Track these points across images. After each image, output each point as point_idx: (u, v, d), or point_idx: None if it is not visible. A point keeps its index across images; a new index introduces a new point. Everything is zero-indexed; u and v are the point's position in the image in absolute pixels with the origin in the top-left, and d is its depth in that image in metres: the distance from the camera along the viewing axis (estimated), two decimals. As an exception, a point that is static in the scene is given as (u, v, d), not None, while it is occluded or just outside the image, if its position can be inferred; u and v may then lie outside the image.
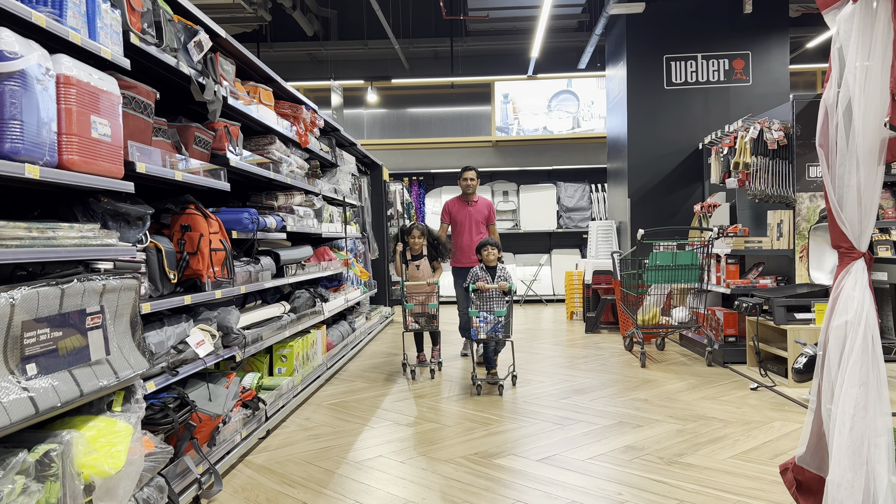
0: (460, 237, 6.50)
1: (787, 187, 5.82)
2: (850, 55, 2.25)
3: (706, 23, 8.74)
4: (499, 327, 5.12)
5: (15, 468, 1.88)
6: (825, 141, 2.43)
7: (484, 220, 6.55)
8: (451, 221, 6.60)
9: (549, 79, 12.43)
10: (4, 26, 1.94)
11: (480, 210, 6.56)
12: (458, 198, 6.64)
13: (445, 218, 6.64)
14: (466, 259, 6.38)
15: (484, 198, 6.66)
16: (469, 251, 6.37)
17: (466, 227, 6.48)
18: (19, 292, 1.90)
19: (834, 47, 2.37)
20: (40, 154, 2.04)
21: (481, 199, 6.62)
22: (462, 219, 6.52)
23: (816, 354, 4.58)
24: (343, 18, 12.77)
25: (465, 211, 6.53)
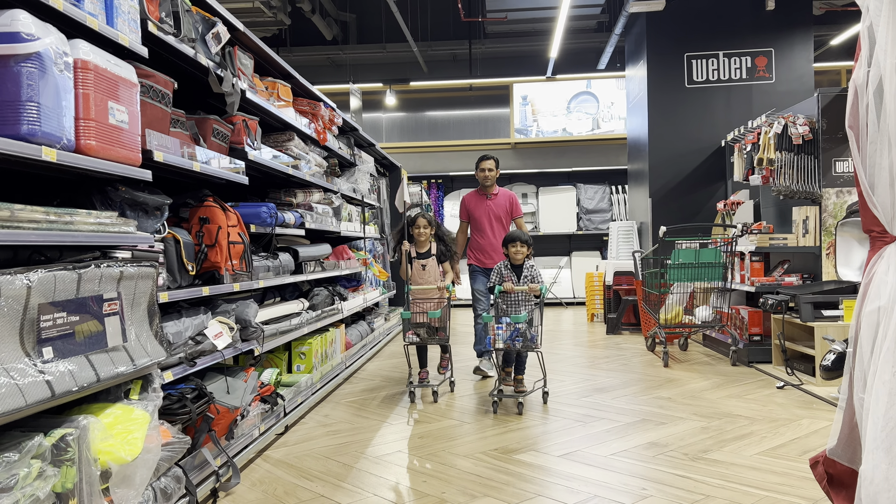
0: (479, 235, 5.78)
1: (813, 183, 5.71)
2: (880, 31, 2.18)
3: (727, 20, 8.64)
4: (517, 335, 4.42)
5: (31, 452, 1.87)
6: (855, 122, 2.36)
7: (506, 214, 5.79)
8: (469, 218, 5.89)
9: (569, 80, 12.37)
10: (22, 8, 1.94)
11: (501, 204, 5.78)
12: (475, 191, 5.91)
13: (463, 215, 5.90)
14: (488, 259, 5.69)
15: (505, 190, 5.91)
16: (491, 251, 5.70)
17: (486, 223, 5.77)
18: (36, 274, 1.89)
19: (863, 25, 2.30)
20: (57, 138, 2.03)
21: (502, 192, 5.85)
22: (480, 214, 5.79)
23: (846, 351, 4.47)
24: (362, 22, 12.82)
25: (483, 206, 5.80)
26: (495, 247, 5.67)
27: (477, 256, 5.80)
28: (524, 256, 4.66)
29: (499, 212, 5.76)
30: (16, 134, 1.89)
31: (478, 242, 5.78)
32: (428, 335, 4.90)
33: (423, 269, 5.13)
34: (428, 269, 5.14)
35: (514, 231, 4.76)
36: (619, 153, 12.21)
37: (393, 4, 9.59)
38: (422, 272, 5.12)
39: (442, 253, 5.19)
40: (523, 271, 4.67)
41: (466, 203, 5.91)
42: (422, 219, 5.15)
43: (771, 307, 5.28)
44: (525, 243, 4.64)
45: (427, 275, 5.12)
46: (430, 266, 5.15)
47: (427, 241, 5.15)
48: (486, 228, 5.75)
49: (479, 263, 5.77)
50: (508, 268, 4.69)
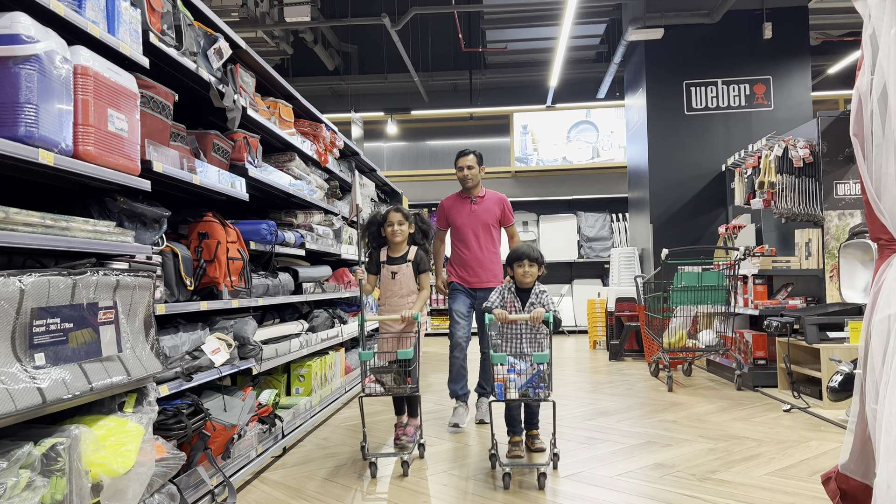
0: (462, 248, 4.70)
1: (815, 205, 5.69)
2: (883, 37, 2.17)
3: (725, 49, 8.71)
4: (536, 380, 3.37)
5: (19, 461, 1.81)
6: (859, 130, 2.34)
7: (495, 221, 4.72)
8: (448, 227, 4.84)
9: (568, 109, 12.45)
10: (23, 12, 1.94)
11: (488, 209, 4.70)
12: (456, 195, 4.83)
13: (442, 223, 4.84)
14: (473, 276, 4.66)
15: (494, 192, 4.83)
16: (477, 266, 4.64)
17: (470, 233, 4.67)
18: (30, 278, 1.86)
19: (865, 34, 2.30)
20: (55, 142, 2.01)
21: (490, 194, 4.78)
22: (463, 222, 4.69)
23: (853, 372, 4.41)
24: (363, 53, 12.95)
25: (466, 211, 4.70)
26: (482, 262, 4.65)
27: (459, 273, 4.71)
28: (534, 278, 3.66)
29: (486, 219, 4.70)
30: (13, 135, 1.87)
31: (460, 257, 4.73)
32: (396, 383, 3.66)
33: (393, 277, 3.97)
34: (399, 279, 3.97)
35: (521, 246, 3.68)
36: (619, 181, 12.24)
37: (394, 34, 9.70)
38: (390, 283, 3.98)
39: (421, 260, 4.03)
40: (531, 297, 3.64)
41: (446, 209, 4.81)
42: (395, 213, 3.98)
43: (775, 329, 5.22)
44: (536, 262, 3.63)
45: (397, 287, 3.97)
46: (402, 276, 3.98)
47: (404, 242, 4.03)
48: (471, 239, 4.69)
49: (462, 282, 4.71)
50: (513, 291, 3.68)
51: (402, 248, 4.04)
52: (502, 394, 3.35)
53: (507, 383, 3.35)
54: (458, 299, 4.68)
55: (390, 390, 3.67)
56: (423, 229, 4.13)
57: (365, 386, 3.66)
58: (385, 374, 3.65)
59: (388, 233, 3.99)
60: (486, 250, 4.70)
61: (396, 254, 4.03)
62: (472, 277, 4.68)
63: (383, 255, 4.05)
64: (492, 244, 4.73)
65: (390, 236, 3.99)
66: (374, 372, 3.66)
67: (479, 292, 4.65)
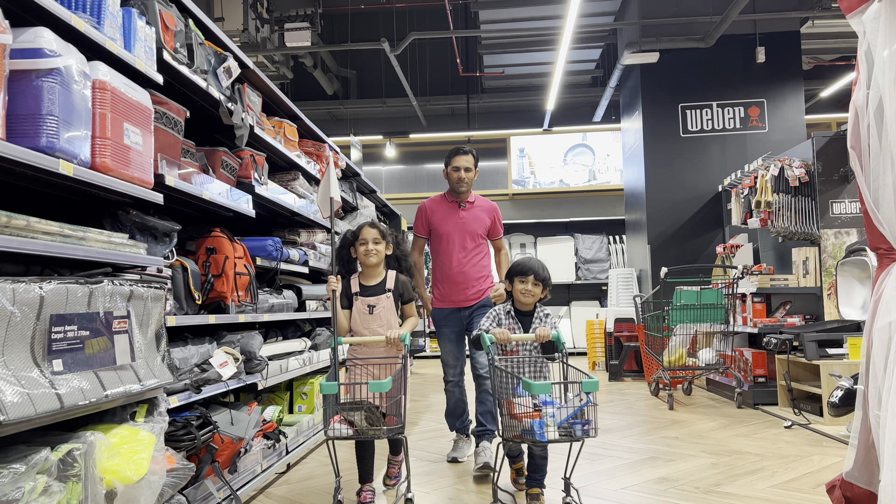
0: (445, 261, 4.06)
1: (811, 224, 5.77)
2: (878, 52, 2.25)
3: (720, 72, 8.86)
4: (580, 418, 2.71)
5: (37, 466, 1.83)
6: (857, 143, 2.41)
7: (484, 231, 4.12)
8: (429, 235, 4.20)
9: (565, 132, 12.59)
10: (45, 27, 1.99)
11: (478, 217, 4.10)
12: (441, 197, 4.23)
13: (421, 229, 4.19)
14: (459, 294, 4.02)
15: (484, 198, 4.26)
16: (462, 281, 4.01)
17: (456, 243, 4.04)
18: (49, 285, 1.89)
19: (861, 50, 2.38)
20: (74, 153, 2.06)
21: (480, 201, 4.20)
22: (449, 230, 4.07)
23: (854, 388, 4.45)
24: (362, 78, 13.10)
25: (453, 218, 4.09)
26: (469, 276, 4.01)
27: (442, 292, 4.06)
28: (535, 301, 3.19)
29: (475, 227, 4.07)
30: (35, 146, 1.91)
31: (443, 271, 4.07)
32: (369, 424, 2.88)
33: (371, 312, 3.28)
34: (379, 313, 3.28)
35: (530, 260, 3.20)
36: (615, 204, 12.33)
37: (394, 59, 9.83)
38: (368, 319, 3.28)
39: (404, 288, 3.39)
40: (533, 321, 3.19)
41: (428, 212, 4.17)
42: (370, 229, 3.33)
43: (775, 347, 5.26)
44: (542, 283, 3.16)
45: (376, 323, 3.28)
46: (382, 309, 3.29)
47: (380, 265, 3.35)
48: (456, 250, 4.03)
49: (447, 302, 4.05)
50: (512, 315, 3.19)
51: (378, 273, 3.35)
52: (542, 433, 2.64)
53: (545, 417, 2.67)
54: (445, 336, 4.08)
55: (361, 433, 2.86)
56: (398, 255, 3.47)
57: (331, 427, 2.87)
58: (355, 413, 2.87)
59: (360, 254, 3.31)
60: (474, 263, 4.05)
61: (371, 281, 3.34)
62: (457, 295, 4.02)
63: (355, 284, 3.33)
64: (480, 258, 4.10)
65: (363, 258, 3.31)
66: (341, 410, 2.88)
67: (465, 310, 4.07)
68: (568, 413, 2.68)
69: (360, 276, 3.40)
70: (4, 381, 1.71)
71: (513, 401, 2.78)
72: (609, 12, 9.79)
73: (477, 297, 4.06)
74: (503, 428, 2.84)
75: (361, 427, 2.88)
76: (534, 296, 3.16)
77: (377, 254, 3.31)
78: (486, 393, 3.89)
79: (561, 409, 2.70)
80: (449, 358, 4.10)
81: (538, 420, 2.66)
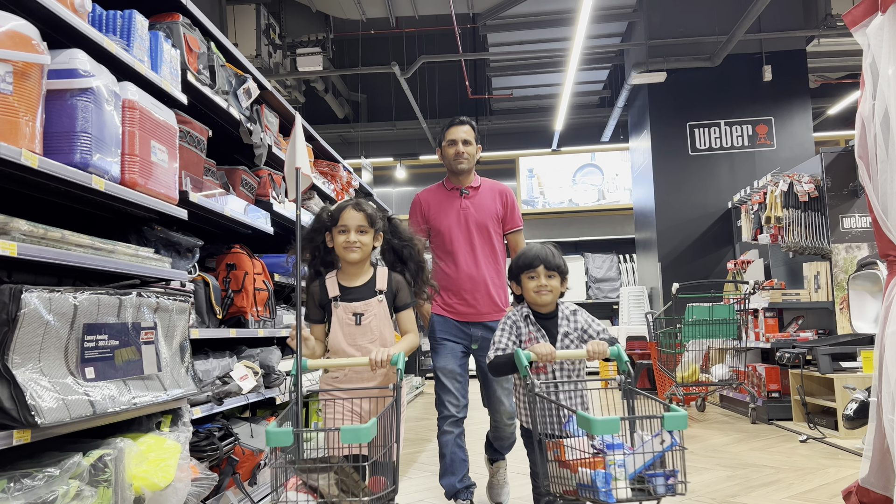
0: (447, 263, 3.18)
1: (822, 239, 5.79)
2: (882, 64, 2.31)
3: (727, 90, 8.94)
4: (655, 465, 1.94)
5: (69, 471, 1.88)
6: (864, 152, 2.46)
7: (495, 221, 3.22)
8: (427, 231, 3.26)
9: (573, 153, 12.68)
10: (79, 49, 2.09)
11: (484, 204, 3.23)
12: (440, 185, 3.36)
13: (419, 221, 3.27)
14: (465, 304, 3.14)
15: (493, 181, 3.38)
16: (472, 289, 3.13)
17: (461, 239, 3.18)
18: (82, 295, 1.96)
19: (865, 63, 2.44)
20: (105, 169, 2.14)
21: (487, 184, 3.33)
22: (448, 224, 3.20)
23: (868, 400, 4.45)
24: (372, 102, 13.28)
25: (454, 208, 3.22)
26: (477, 282, 3.13)
27: (446, 301, 3.17)
28: (555, 298, 2.48)
29: (482, 218, 3.20)
30: (69, 162, 1.99)
31: (446, 275, 3.17)
32: (343, 490, 1.97)
33: (358, 322, 2.44)
34: (369, 323, 2.45)
35: (533, 247, 2.52)
36: (625, 223, 12.37)
37: (404, 82, 9.98)
38: (354, 332, 2.44)
39: (399, 289, 2.54)
40: (560, 324, 2.48)
41: (424, 205, 3.30)
42: (353, 212, 2.45)
43: (788, 361, 5.26)
44: (557, 270, 2.46)
45: (366, 336, 2.44)
46: (373, 317, 2.45)
47: (365, 262, 2.51)
48: (461, 250, 3.16)
49: (451, 312, 3.16)
50: (530, 319, 2.48)
51: (364, 270, 2.49)
52: (609, 490, 1.88)
53: (613, 468, 1.90)
54: (445, 350, 3.12)
55: (327, 501, 1.94)
56: (399, 248, 2.57)
57: (282, 493, 1.94)
58: (320, 475, 1.96)
59: (337, 244, 2.44)
60: (487, 265, 3.16)
61: (356, 280, 2.47)
62: (464, 306, 3.13)
63: (332, 286, 2.46)
64: (493, 255, 3.20)
65: (342, 251, 2.43)
66: (300, 471, 1.98)
67: (476, 328, 3.15)
68: (644, 461, 1.90)
69: (340, 273, 2.49)
70: (41, 387, 1.78)
71: (562, 443, 2.06)
72: (616, 34, 9.92)
73: (492, 312, 3.13)
74: (548, 480, 2.10)
75: (330, 496, 1.93)
76: (551, 291, 2.43)
77: (361, 248, 2.42)
78: (505, 427, 3.18)
79: (633, 454, 1.92)
80: (449, 382, 3.05)
81: (602, 472, 1.90)
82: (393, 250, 2.61)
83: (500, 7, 9.16)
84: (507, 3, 9.06)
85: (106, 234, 2.63)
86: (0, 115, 1.74)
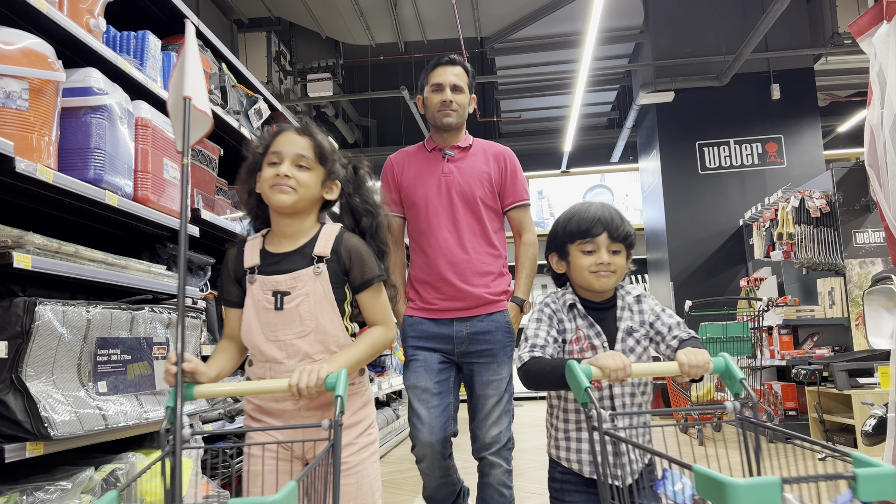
0: (424, 244, 2.49)
1: (835, 254, 5.76)
2: (890, 71, 2.31)
3: (735, 109, 8.96)
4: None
5: (82, 485, 1.88)
6: (874, 161, 2.45)
7: (489, 193, 2.49)
8: (402, 204, 2.55)
9: (583, 174, 12.72)
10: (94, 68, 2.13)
11: (476, 168, 2.50)
12: (419, 146, 2.62)
13: (393, 201, 2.53)
14: (447, 299, 2.43)
15: (489, 142, 2.62)
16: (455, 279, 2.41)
17: (440, 213, 2.47)
18: (95, 309, 1.97)
19: (873, 71, 2.44)
20: (118, 185, 2.17)
21: (481, 145, 2.58)
22: (426, 194, 2.49)
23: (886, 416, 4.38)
24: (382, 126, 13.39)
25: (433, 173, 2.51)
26: (462, 269, 2.41)
27: (422, 295, 2.47)
28: (619, 279, 1.80)
29: (470, 185, 2.46)
30: (83, 178, 2.02)
31: (424, 262, 2.47)
32: None
33: (279, 306, 1.63)
34: (297, 308, 1.63)
35: (592, 206, 1.82)
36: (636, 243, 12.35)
37: (413, 106, 10.07)
38: (273, 322, 1.64)
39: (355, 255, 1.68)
40: (621, 317, 1.79)
41: (396, 170, 2.56)
42: (294, 135, 1.70)
43: (804, 378, 5.20)
44: (624, 241, 1.80)
45: (290, 329, 1.63)
46: (303, 299, 1.63)
47: (306, 216, 1.71)
48: (441, 227, 2.44)
49: (428, 311, 2.45)
50: (578, 310, 1.78)
51: (302, 230, 1.70)
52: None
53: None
54: (417, 362, 2.41)
55: None
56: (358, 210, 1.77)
57: None
58: None
59: (264, 183, 1.66)
60: (473, 247, 2.43)
61: (285, 245, 1.70)
62: (445, 300, 2.41)
63: (252, 252, 1.70)
64: (484, 235, 2.47)
65: (268, 191, 1.65)
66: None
67: (462, 325, 2.41)
68: None
69: (270, 235, 1.72)
70: (54, 400, 1.78)
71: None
72: (623, 55, 9.99)
73: (485, 305, 2.41)
74: None
75: None
76: (614, 272, 1.74)
77: (297, 189, 1.63)
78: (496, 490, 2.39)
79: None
80: (420, 406, 2.35)
81: None
82: (352, 213, 1.78)
83: (507, 30, 9.27)
84: (515, 26, 9.17)
85: (118, 252, 2.66)
86: (16, 131, 1.78)
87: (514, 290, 2.56)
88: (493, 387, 2.40)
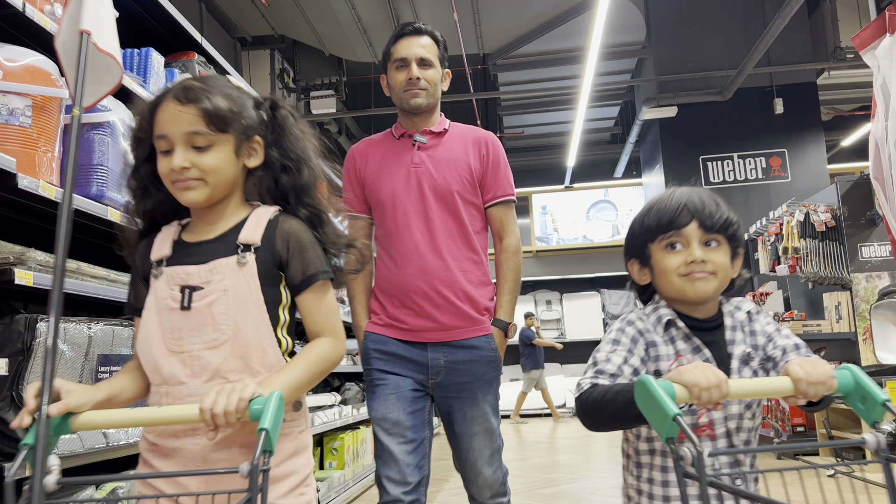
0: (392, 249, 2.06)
1: (841, 268, 5.72)
2: (893, 83, 2.31)
3: (739, 124, 8.98)
4: None
5: (82, 504, 1.86)
6: (879, 173, 2.45)
7: (466, 184, 2.07)
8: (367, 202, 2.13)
9: (586, 189, 12.73)
10: (97, 84, 2.13)
11: (452, 159, 2.09)
12: (387, 133, 2.25)
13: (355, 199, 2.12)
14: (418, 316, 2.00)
15: (469, 126, 2.25)
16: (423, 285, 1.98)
17: (409, 211, 2.04)
18: (97, 325, 1.97)
19: (876, 84, 2.44)
20: (120, 201, 2.16)
21: (458, 130, 2.19)
22: (393, 188, 2.06)
23: None
24: (385, 142, 13.45)
25: (402, 164, 2.10)
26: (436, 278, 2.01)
27: (388, 311, 2.06)
28: (723, 285, 1.36)
29: (444, 178, 2.07)
30: (86, 194, 2.02)
31: (389, 270, 2.06)
32: None
33: (185, 305, 1.22)
34: (209, 310, 1.22)
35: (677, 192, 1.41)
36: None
37: (416, 122, 10.11)
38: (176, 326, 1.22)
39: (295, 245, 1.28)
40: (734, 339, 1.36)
41: (359, 161, 2.20)
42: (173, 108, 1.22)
43: (812, 393, 5.16)
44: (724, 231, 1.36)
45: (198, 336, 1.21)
46: (218, 298, 1.22)
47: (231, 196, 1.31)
48: (409, 226, 2.04)
49: (396, 329, 2.04)
50: (678, 329, 1.35)
51: (225, 215, 1.32)
52: None
53: None
54: (386, 389, 2.01)
55: None
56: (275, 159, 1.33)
57: None
58: None
59: (168, 186, 1.28)
60: (450, 251, 2.04)
61: (205, 233, 1.31)
62: (416, 318, 2.01)
63: (163, 242, 1.32)
64: (463, 236, 2.08)
65: (181, 198, 1.27)
66: None
67: (437, 351, 2.02)
68: None
69: (188, 226, 1.35)
70: (54, 417, 1.76)
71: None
72: (626, 70, 10.02)
73: (465, 327, 2.03)
74: None
75: None
76: (714, 273, 1.34)
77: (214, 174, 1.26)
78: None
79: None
80: (390, 442, 1.98)
81: None
82: (271, 172, 1.34)
83: (510, 47, 9.32)
84: (518, 42, 9.21)
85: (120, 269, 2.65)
86: (20, 148, 1.78)
87: (494, 310, 2.11)
88: (477, 422, 2.03)
